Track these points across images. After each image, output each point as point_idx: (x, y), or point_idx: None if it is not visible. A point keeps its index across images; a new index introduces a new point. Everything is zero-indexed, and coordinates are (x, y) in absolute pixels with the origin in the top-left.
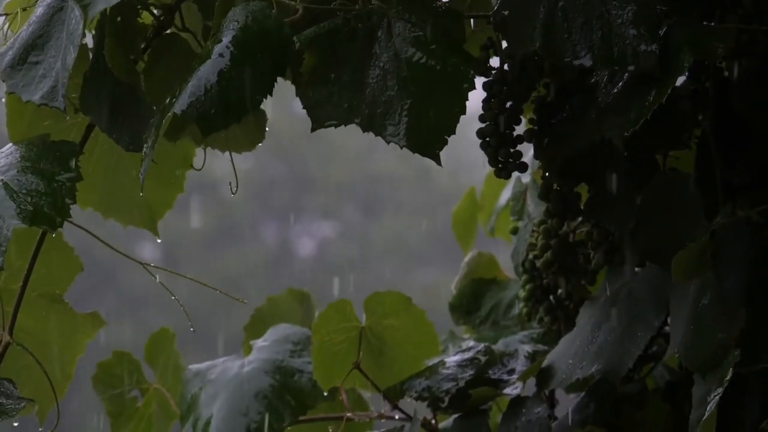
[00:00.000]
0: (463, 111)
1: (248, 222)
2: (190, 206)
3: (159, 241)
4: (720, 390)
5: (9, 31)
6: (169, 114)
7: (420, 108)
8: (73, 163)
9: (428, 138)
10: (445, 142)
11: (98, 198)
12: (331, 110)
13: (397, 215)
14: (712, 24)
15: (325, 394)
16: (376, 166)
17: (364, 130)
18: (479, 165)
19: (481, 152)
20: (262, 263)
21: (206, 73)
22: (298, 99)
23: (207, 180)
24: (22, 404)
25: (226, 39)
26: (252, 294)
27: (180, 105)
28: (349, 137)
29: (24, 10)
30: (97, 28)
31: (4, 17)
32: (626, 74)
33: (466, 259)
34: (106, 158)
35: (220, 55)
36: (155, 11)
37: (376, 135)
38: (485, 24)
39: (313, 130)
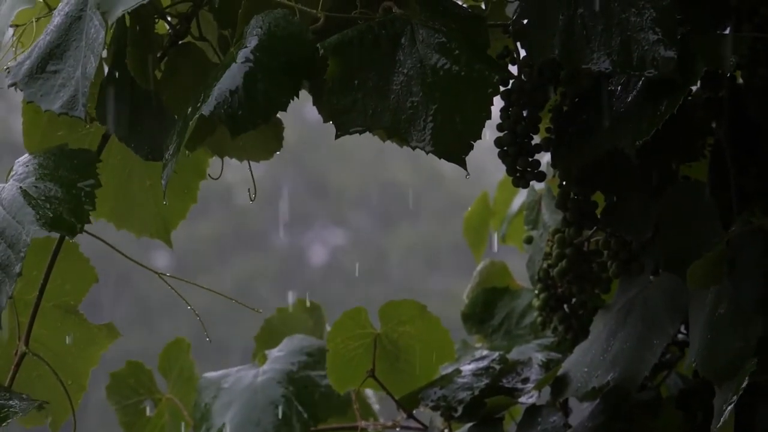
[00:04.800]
0: (488, 116)
1: (260, 230)
2: (203, 214)
3: (172, 249)
4: (735, 398)
5: (19, 42)
6: (196, 116)
7: (445, 113)
8: (92, 171)
9: (454, 143)
10: (471, 147)
11: (111, 209)
12: (356, 116)
13: (410, 222)
14: (727, 32)
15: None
16: (389, 173)
17: (389, 136)
18: (492, 170)
19: (494, 158)
20: (274, 271)
21: (232, 76)
22: (309, 107)
23: (219, 188)
24: (35, 403)
25: (251, 44)
26: (264, 302)
27: (208, 107)
28: (362, 144)
29: (37, 20)
30: (113, 38)
31: (13, 29)
32: (640, 83)
33: (479, 268)
34: (119, 169)
35: (246, 59)
36: (171, 20)
37: (400, 141)
38: (500, 33)
39: (337, 137)
